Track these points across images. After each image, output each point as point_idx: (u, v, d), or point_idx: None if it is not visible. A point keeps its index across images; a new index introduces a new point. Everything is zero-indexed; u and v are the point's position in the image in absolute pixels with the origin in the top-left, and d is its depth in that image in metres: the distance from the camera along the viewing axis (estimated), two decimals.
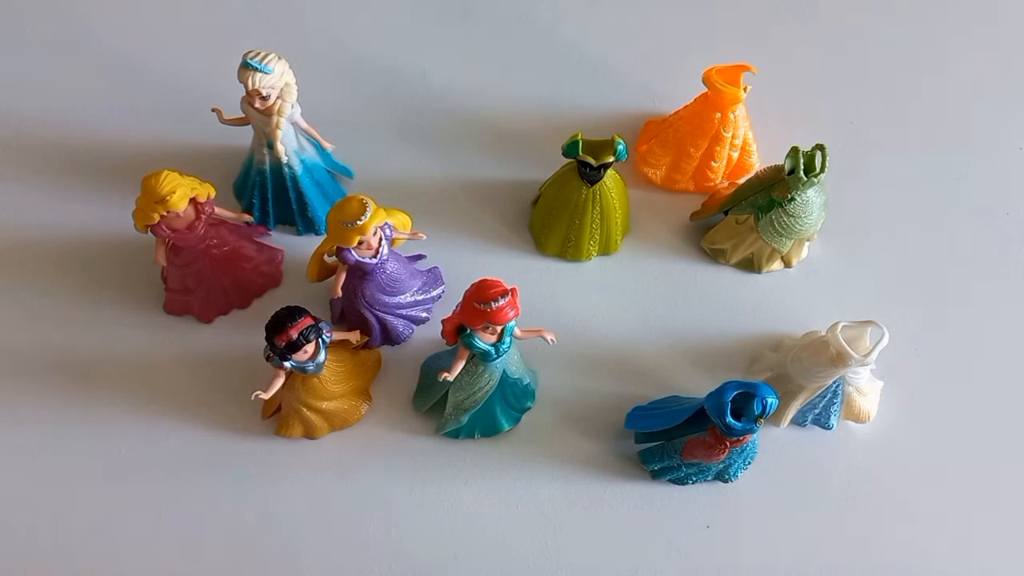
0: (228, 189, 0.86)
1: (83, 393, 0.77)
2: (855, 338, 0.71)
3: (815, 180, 0.76)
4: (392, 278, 0.75)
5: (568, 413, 0.77)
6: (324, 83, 0.92)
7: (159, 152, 0.88)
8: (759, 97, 0.84)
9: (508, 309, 0.65)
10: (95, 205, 0.85)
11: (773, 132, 0.88)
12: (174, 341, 0.79)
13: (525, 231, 0.86)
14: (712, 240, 0.84)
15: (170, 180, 0.70)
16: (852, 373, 0.72)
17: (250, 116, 0.76)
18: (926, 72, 0.97)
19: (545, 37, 0.98)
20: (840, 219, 0.85)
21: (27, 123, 0.91)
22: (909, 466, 0.77)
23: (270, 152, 0.78)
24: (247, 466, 0.74)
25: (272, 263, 0.82)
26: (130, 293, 0.81)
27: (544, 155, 0.86)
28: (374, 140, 0.90)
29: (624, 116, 0.92)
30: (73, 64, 0.94)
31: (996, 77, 0.97)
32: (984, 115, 0.95)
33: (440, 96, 0.93)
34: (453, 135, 0.91)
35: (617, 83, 0.95)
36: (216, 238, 0.76)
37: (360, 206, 0.69)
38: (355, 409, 0.76)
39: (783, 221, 0.79)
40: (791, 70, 0.96)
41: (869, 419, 0.77)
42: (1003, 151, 0.93)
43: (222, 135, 0.82)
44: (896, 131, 0.93)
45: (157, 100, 0.92)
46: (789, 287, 0.84)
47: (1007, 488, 0.76)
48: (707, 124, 0.83)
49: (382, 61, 0.96)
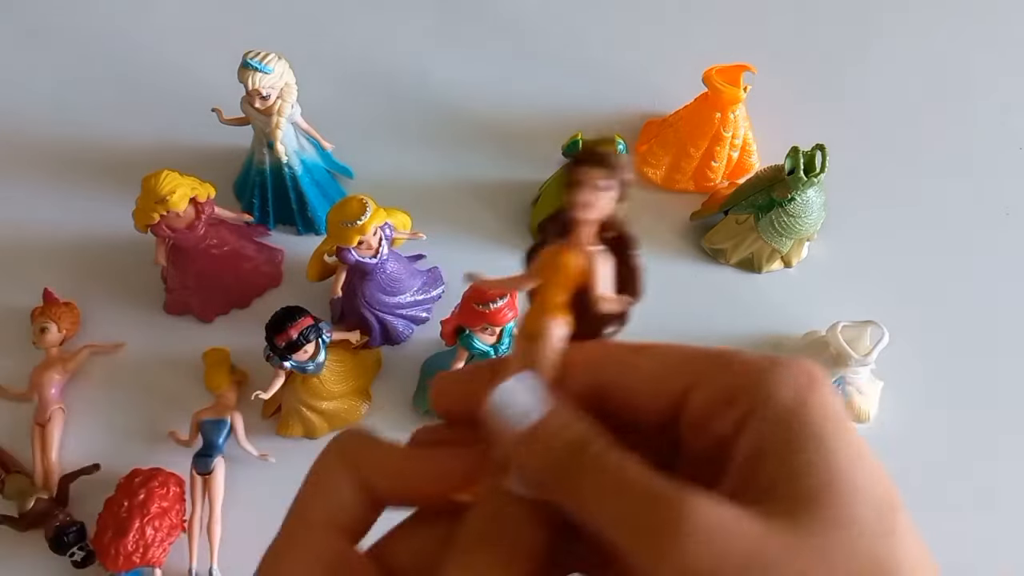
0: (228, 189, 0.86)
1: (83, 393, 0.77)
2: (855, 338, 0.71)
3: (815, 180, 0.76)
4: (392, 278, 0.75)
5: None
6: (324, 83, 0.92)
7: (159, 152, 0.88)
8: (759, 97, 0.84)
9: (507, 310, 0.65)
10: (95, 205, 0.85)
11: (773, 132, 0.88)
12: (174, 341, 0.79)
13: (525, 231, 0.86)
14: (712, 240, 0.84)
15: (170, 180, 0.70)
16: (852, 373, 0.72)
17: (250, 116, 0.76)
18: (926, 72, 0.97)
19: (545, 37, 0.98)
20: (840, 219, 0.85)
21: (26, 123, 0.91)
22: (909, 466, 0.76)
23: (270, 152, 0.78)
24: (248, 465, 0.74)
25: (272, 263, 0.82)
26: (130, 293, 0.81)
27: (544, 155, 0.86)
28: (374, 140, 0.90)
29: (624, 116, 0.92)
30: (73, 64, 0.95)
31: (996, 77, 0.97)
32: (984, 115, 0.95)
33: (440, 96, 0.94)
34: (453, 135, 0.91)
35: (617, 83, 0.95)
36: (216, 238, 0.76)
37: (360, 206, 0.69)
38: (355, 409, 0.76)
39: (783, 221, 0.79)
40: (791, 70, 0.96)
41: (869, 419, 0.77)
42: (1003, 151, 0.93)
43: (222, 135, 0.82)
44: (896, 131, 0.93)
45: (157, 100, 0.92)
46: (789, 287, 0.84)
47: (1008, 488, 0.76)
48: (707, 124, 0.84)
49: (382, 61, 0.96)
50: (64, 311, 0.77)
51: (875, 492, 0.24)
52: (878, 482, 0.24)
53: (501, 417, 0.27)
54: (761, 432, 0.25)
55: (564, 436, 0.26)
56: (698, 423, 0.27)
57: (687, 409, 0.27)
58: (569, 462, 0.26)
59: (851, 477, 0.24)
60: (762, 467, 0.24)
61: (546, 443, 0.26)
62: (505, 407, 0.27)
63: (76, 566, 0.69)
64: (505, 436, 0.27)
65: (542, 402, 0.27)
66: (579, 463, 0.26)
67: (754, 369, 0.26)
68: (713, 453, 0.26)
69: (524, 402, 0.27)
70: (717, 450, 0.26)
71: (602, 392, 0.28)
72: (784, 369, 0.26)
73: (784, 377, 0.26)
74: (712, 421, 0.26)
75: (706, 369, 0.27)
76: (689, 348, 0.28)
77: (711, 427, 0.26)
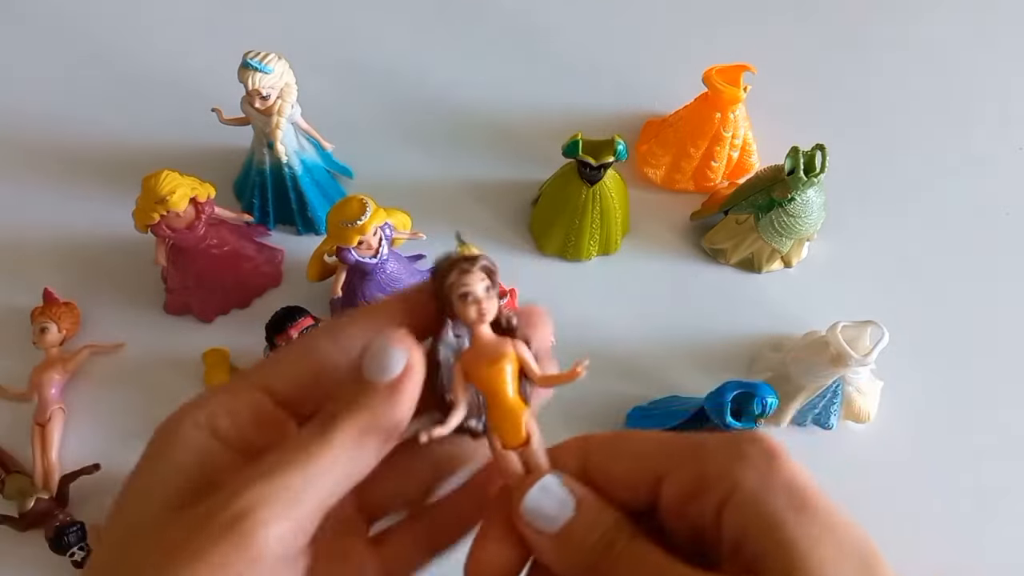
0: (228, 189, 0.86)
1: (83, 393, 0.77)
2: (855, 338, 0.71)
3: (815, 180, 0.76)
4: (392, 278, 0.75)
5: (568, 413, 0.77)
6: (324, 83, 0.92)
7: (159, 152, 0.88)
8: (759, 97, 0.84)
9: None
10: (95, 205, 0.85)
11: (773, 132, 0.88)
12: (174, 341, 0.79)
13: (525, 231, 0.86)
14: (712, 240, 0.84)
15: (170, 180, 0.70)
16: (852, 373, 0.72)
17: (250, 116, 0.76)
18: (927, 71, 0.97)
19: (545, 37, 0.98)
20: (840, 219, 0.85)
21: (26, 122, 0.91)
22: (909, 466, 0.77)
23: (270, 152, 0.78)
24: None
25: (272, 263, 0.82)
26: (130, 293, 0.81)
27: (544, 155, 0.85)
28: (374, 140, 0.90)
29: (624, 116, 0.92)
30: (73, 64, 0.95)
31: (996, 77, 0.97)
32: (984, 115, 0.95)
33: (440, 96, 0.93)
34: (453, 135, 0.91)
35: (617, 83, 0.95)
36: (216, 238, 0.76)
37: (360, 206, 0.69)
38: None
39: (783, 221, 0.79)
40: (791, 70, 0.96)
41: (869, 419, 0.77)
42: (1003, 151, 0.93)
43: (222, 135, 0.82)
44: (896, 131, 0.93)
45: (157, 100, 0.92)
46: (789, 287, 0.84)
47: (1008, 488, 0.76)
48: (707, 124, 0.84)
49: (382, 61, 0.96)
50: (64, 311, 0.77)
51: (847, 559, 0.27)
52: (850, 547, 0.27)
53: (534, 525, 0.29)
54: (735, 521, 0.27)
55: (595, 533, 0.29)
56: (674, 509, 0.29)
57: (662, 497, 0.29)
58: (603, 557, 0.28)
59: (818, 555, 0.26)
60: (746, 551, 0.27)
61: (579, 543, 0.29)
62: (536, 515, 0.29)
63: (76, 566, 0.69)
64: (540, 543, 0.29)
65: (568, 502, 0.29)
66: (613, 556, 0.28)
67: (721, 457, 0.28)
68: (693, 534, 0.29)
69: (551, 505, 0.29)
70: (696, 532, 0.29)
71: (588, 479, 0.30)
72: (746, 452, 0.28)
73: (747, 464, 0.28)
74: (687, 508, 0.29)
75: (677, 459, 0.29)
76: (664, 436, 0.30)
77: (687, 513, 0.29)
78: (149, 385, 0.77)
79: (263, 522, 0.26)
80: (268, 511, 0.26)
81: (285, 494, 0.27)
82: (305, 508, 0.27)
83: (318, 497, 0.27)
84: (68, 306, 0.78)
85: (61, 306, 0.77)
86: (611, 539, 0.28)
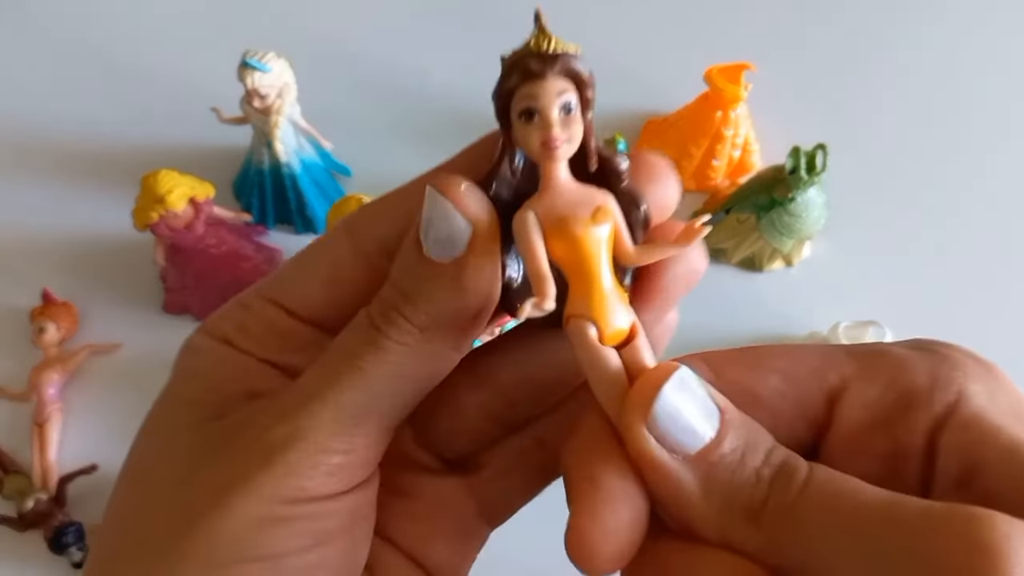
0: (228, 189, 0.85)
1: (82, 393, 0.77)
2: (857, 338, 0.71)
3: (816, 180, 0.75)
4: None
5: None
6: (324, 83, 0.91)
7: (159, 152, 0.88)
8: (760, 96, 0.84)
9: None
10: (94, 205, 0.85)
11: (774, 131, 0.88)
12: (173, 341, 0.79)
13: None
14: (713, 240, 0.84)
15: (168, 179, 0.70)
16: None
17: (249, 115, 0.76)
18: (927, 71, 0.97)
19: None
20: (842, 218, 0.85)
21: (26, 122, 0.91)
22: None
23: (269, 151, 0.78)
24: None
25: (271, 262, 0.82)
26: (130, 293, 0.81)
27: None
28: (374, 140, 0.90)
29: (624, 116, 0.92)
30: (73, 64, 0.94)
31: (997, 77, 0.97)
32: (984, 115, 0.95)
33: (440, 96, 0.93)
34: (453, 135, 0.90)
35: (617, 83, 0.94)
36: (215, 237, 0.76)
37: (359, 205, 0.69)
38: None
39: (784, 220, 0.79)
40: (792, 69, 0.96)
41: None
42: (1004, 151, 0.92)
43: (222, 135, 0.82)
44: (898, 130, 0.93)
45: (157, 100, 0.92)
46: (790, 287, 0.84)
47: None
48: (708, 123, 0.83)
49: (382, 61, 0.95)
50: (63, 311, 0.77)
51: None
52: None
53: (670, 439, 0.20)
54: (963, 443, 0.20)
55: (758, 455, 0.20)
56: (853, 438, 0.21)
57: (838, 421, 0.21)
58: (781, 492, 0.19)
59: None
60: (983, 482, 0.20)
61: (735, 472, 0.19)
62: (673, 425, 0.20)
63: (75, 566, 0.69)
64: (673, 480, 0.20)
65: (713, 411, 0.20)
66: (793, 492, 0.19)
67: (930, 365, 0.22)
68: (881, 470, 0.21)
69: (694, 410, 0.20)
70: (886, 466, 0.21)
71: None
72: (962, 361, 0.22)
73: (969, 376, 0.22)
74: (874, 435, 0.21)
75: (862, 369, 0.22)
76: (826, 346, 0.23)
77: (872, 443, 0.21)
78: (148, 385, 0.76)
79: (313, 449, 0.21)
80: (319, 435, 0.22)
81: (338, 415, 0.22)
82: (366, 429, 0.22)
83: (379, 414, 0.22)
84: (67, 306, 0.78)
85: (60, 306, 0.77)
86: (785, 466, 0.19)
